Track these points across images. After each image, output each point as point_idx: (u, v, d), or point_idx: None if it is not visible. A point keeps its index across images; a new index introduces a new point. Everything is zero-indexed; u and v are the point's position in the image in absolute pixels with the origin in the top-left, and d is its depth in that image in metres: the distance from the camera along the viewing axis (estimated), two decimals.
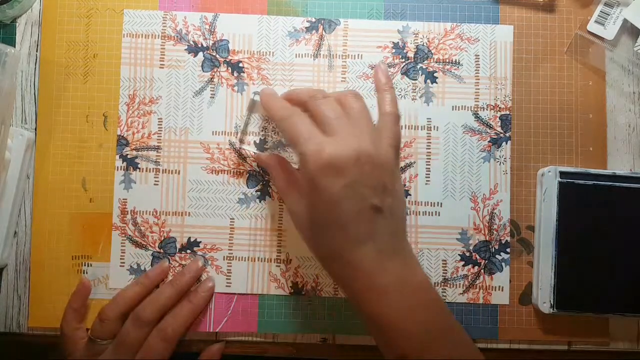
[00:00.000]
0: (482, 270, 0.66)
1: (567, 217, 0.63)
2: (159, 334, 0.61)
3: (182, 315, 0.62)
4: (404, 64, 0.67)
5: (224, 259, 0.66)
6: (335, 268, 0.55)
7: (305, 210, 0.56)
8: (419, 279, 0.55)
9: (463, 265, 0.66)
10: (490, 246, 0.66)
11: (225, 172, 0.66)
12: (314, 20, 0.68)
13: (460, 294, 0.65)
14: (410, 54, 0.67)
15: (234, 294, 0.66)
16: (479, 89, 0.67)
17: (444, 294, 0.65)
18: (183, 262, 0.66)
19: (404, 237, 0.56)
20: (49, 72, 0.67)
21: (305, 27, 0.68)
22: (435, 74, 0.67)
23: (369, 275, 0.52)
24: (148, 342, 0.61)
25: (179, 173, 0.67)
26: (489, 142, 0.67)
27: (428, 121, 0.67)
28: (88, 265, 0.66)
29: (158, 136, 0.67)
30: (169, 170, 0.67)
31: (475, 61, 0.67)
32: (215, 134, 0.67)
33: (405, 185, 0.66)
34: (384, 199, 0.53)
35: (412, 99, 0.67)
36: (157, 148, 0.67)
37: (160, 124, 0.67)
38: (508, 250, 0.66)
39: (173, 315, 0.62)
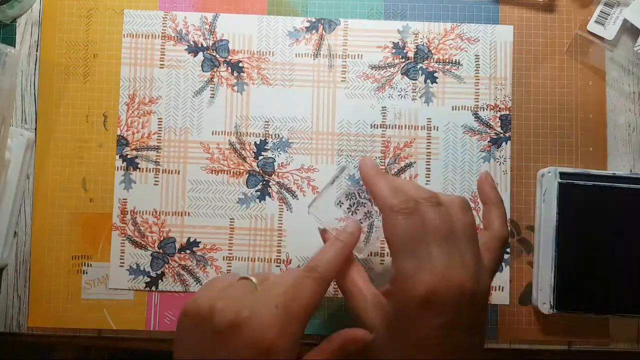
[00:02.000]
0: None
1: (567, 218, 0.63)
2: (308, 272, 0.49)
3: (330, 251, 0.51)
4: (404, 64, 0.67)
5: (223, 259, 0.66)
6: None
7: (382, 331, 0.49)
8: None
9: None
10: None
11: (225, 172, 0.66)
12: (314, 20, 0.68)
13: None
14: (410, 54, 0.67)
15: None
16: (479, 89, 0.67)
17: None
18: (182, 263, 0.66)
19: None
20: (49, 72, 0.67)
21: (305, 27, 0.68)
22: (435, 74, 0.67)
23: None
24: (293, 284, 0.49)
25: (178, 173, 0.67)
26: (488, 142, 0.67)
27: (428, 121, 0.67)
28: (88, 265, 0.66)
29: (158, 136, 0.67)
30: (168, 170, 0.67)
31: (475, 61, 0.67)
32: (215, 134, 0.67)
33: None
34: (475, 338, 0.48)
35: (412, 99, 0.67)
36: (157, 148, 0.67)
37: (160, 124, 0.67)
38: (508, 250, 0.66)
39: (321, 252, 0.52)
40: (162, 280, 0.65)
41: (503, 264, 0.65)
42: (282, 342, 0.46)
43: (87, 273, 0.66)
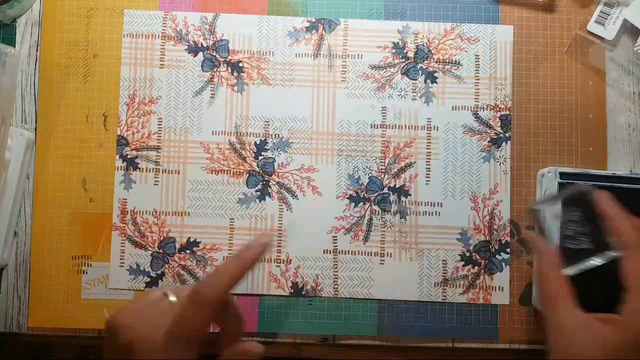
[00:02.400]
0: (482, 270, 0.66)
1: (566, 218, 0.63)
2: (192, 295, 0.46)
3: (224, 275, 0.47)
4: (404, 64, 0.67)
5: (223, 259, 0.66)
6: None
7: (596, 354, 0.48)
8: None
9: (463, 265, 0.66)
10: (490, 246, 0.66)
11: (225, 172, 0.66)
12: (314, 20, 0.68)
13: (461, 294, 0.65)
14: (410, 54, 0.67)
15: (234, 294, 0.65)
16: (478, 89, 0.67)
17: (444, 293, 0.65)
18: (182, 263, 0.66)
19: None
20: (49, 72, 0.67)
21: (305, 27, 0.68)
22: (435, 74, 0.67)
23: None
24: (182, 306, 0.47)
25: (178, 173, 0.67)
26: (488, 142, 0.67)
27: (428, 121, 0.67)
28: (88, 265, 0.66)
29: (158, 136, 0.67)
30: (168, 170, 0.67)
31: (475, 61, 0.67)
32: (215, 134, 0.67)
33: (405, 185, 0.66)
34: None
35: (412, 99, 0.67)
36: (157, 148, 0.67)
37: (160, 124, 0.67)
38: (508, 250, 0.66)
39: (214, 275, 0.48)
40: (162, 280, 0.65)
41: (503, 263, 0.66)
42: None
43: (87, 273, 0.66)
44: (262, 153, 0.67)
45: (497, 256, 0.66)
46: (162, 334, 0.47)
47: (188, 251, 0.66)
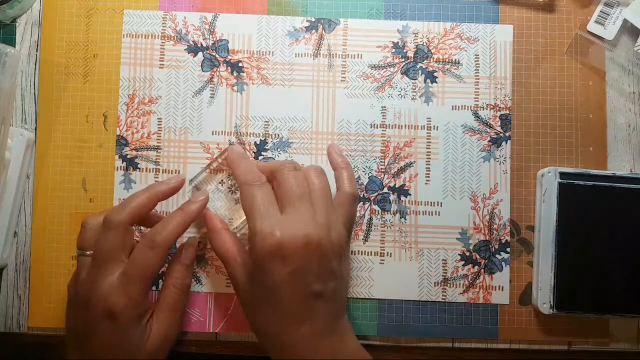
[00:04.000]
0: (482, 270, 0.65)
1: (567, 218, 0.63)
2: (146, 241, 0.57)
3: (172, 223, 0.58)
4: (404, 63, 0.67)
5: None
6: (269, 346, 0.56)
7: (246, 283, 0.57)
8: (351, 351, 0.56)
9: (463, 265, 0.66)
10: (490, 246, 0.66)
11: (225, 172, 0.66)
12: (313, 19, 0.68)
13: (460, 293, 0.65)
14: (410, 54, 0.67)
15: (234, 294, 0.65)
16: (478, 88, 0.67)
17: (444, 293, 0.65)
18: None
19: (343, 315, 0.58)
20: (49, 72, 0.67)
21: (305, 27, 0.68)
22: (435, 74, 0.67)
23: (302, 356, 0.54)
24: (134, 251, 0.57)
25: (178, 173, 0.67)
26: (488, 141, 0.67)
27: (428, 121, 0.67)
28: None
29: (158, 136, 0.67)
30: (168, 170, 0.67)
31: (475, 61, 0.67)
32: (215, 134, 0.67)
33: (405, 185, 0.66)
34: (327, 284, 0.54)
35: (412, 99, 0.67)
36: (156, 148, 0.67)
37: (160, 124, 0.67)
38: (508, 249, 0.66)
39: (162, 223, 0.58)
40: (162, 280, 0.65)
41: (503, 263, 0.66)
42: (122, 301, 0.55)
43: None
44: (262, 153, 0.67)
45: (497, 256, 0.66)
46: (116, 277, 0.56)
47: None
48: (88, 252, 0.58)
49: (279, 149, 0.66)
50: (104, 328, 0.55)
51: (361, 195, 0.66)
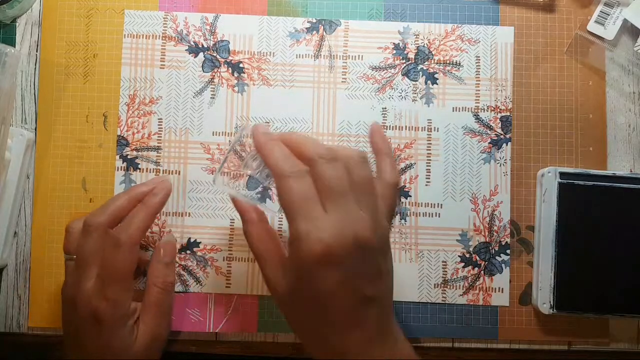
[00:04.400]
0: (482, 272, 0.66)
1: (566, 218, 0.63)
2: (112, 241, 0.56)
3: (135, 219, 0.58)
4: (405, 65, 0.67)
5: (223, 260, 0.66)
6: (316, 348, 0.52)
7: (287, 287, 0.52)
8: (406, 355, 0.52)
9: (463, 267, 0.66)
10: (491, 248, 0.66)
11: (225, 173, 0.66)
12: (314, 20, 0.68)
13: (460, 295, 0.65)
14: (411, 55, 0.67)
15: (234, 294, 0.66)
16: (479, 90, 0.67)
17: (444, 295, 0.65)
18: (182, 263, 0.66)
19: (392, 318, 0.53)
20: (49, 72, 0.67)
21: (306, 28, 0.68)
22: (435, 75, 0.67)
23: None
24: (103, 253, 0.56)
25: (179, 173, 0.67)
26: (489, 143, 0.67)
27: (428, 122, 0.67)
28: None
29: (158, 136, 0.67)
30: (169, 171, 0.67)
31: (476, 62, 0.67)
32: (216, 135, 0.67)
33: (405, 186, 0.66)
34: (378, 286, 0.51)
35: (413, 100, 0.67)
36: (157, 148, 0.67)
37: (161, 125, 0.67)
38: (508, 251, 0.66)
39: (126, 220, 0.58)
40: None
41: (503, 265, 0.66)
42: (102, 304, 0.55)
43: None
44: None
45: (497, 257, 0.66)
46: (93, 281, 0.56)
47: (188, 251, 0.66)
48: (73, 256, 0.59)
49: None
50: (92, 330, 0.56)
51: None
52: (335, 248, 0.47)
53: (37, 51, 0.68)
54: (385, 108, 0.67)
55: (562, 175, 0.64)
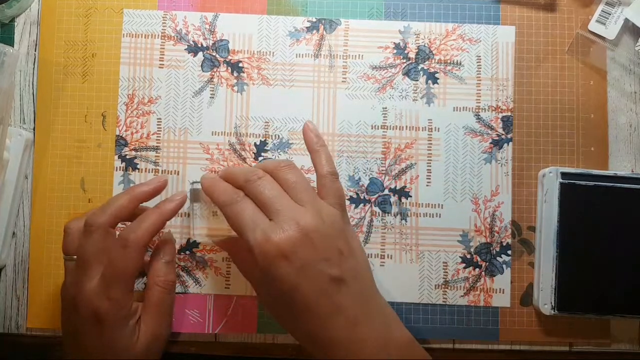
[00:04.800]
0: (483, 273, 0.65)
1: (568, 218, 0.63)
2: (120, 241, 0.57)
3: (146, 222, 0.58)
4: (405, 64, 0.67)
5: (223, 260, 0.66)
6: (308, 344, 0.55)
7: (264, 295, 0.57)
8: (401, 336, 0.55)
9: (464, 268, 0.65)
10: (491, 248, 0.65)
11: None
12: (314, 20, 0.67)
13: (461, 296, 0.65)
14: (412, 55, 0.67)
15: (234, 295, 0.65)
16: (480, 90, 0.67)
17: (445, 296, 0.65)
18: (182, 264, 0.65)
19: (374, 293, 0.57)
20: (48, 71, 0.67)
21: (306, 27, 0.67)
22: (436, 75, 0.67)
23: (346, 348, 0.52)
24: (109, 253, 0.57)
25: (178, 173, 0.66)
26: (490, 143, 0.66)
27: (429, 122, 0.67)
28: None
29: (157, 136, 0.67)
30: (168, 171, 0.66)
31: (477, 62, 0.67)
32: (215, 135, 0.67)
33: (406, 186, 0.66)
34: (342, 266, 0.53)
35: (413, 100, 0.67)
36: (156, 148, 0.66)
37: (160, 124, 0.67)
38: (509, 252, 0.66)
39: (137, 221, 0.58)
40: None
41: (504, 266, 0.65)
42: (105, 304, 0.55)
43: None
44: (262, 154, 0.66)
45: (498, 258, 0.65)
46: (97, 281, 0.56)
47: (187, 252, 0.66)
48: (73, 257, 0.59)
49: (279, 150, 0.66)
50: (93, 330, 0.56)
51: (362, 197, 0.66)
52: (283, 243, 0.51)
53: (35, 51, 0.67)
54: (386, 108, 0.67)
55: (564, 175, 0.63)
